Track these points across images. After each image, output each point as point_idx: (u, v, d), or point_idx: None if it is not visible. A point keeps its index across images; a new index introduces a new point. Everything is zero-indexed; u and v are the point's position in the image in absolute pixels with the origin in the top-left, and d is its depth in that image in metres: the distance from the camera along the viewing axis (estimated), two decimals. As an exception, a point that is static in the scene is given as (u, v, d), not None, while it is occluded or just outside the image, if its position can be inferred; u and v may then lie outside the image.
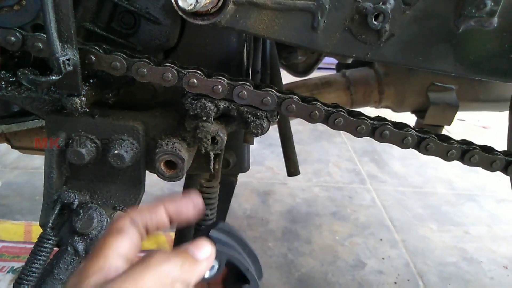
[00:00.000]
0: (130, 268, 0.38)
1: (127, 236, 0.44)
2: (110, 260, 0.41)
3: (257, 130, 0.64)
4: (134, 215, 0.47)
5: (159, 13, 0.63)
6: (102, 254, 0.41)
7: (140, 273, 0.37)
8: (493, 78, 0.61)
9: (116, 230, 0.44)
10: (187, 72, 0.59)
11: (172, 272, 0.39)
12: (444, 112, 1.11)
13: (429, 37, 0.57)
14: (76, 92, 0.58)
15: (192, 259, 0.42)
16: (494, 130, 3.02)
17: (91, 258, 0.41)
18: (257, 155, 2.32)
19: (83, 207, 0.68)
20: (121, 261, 0.42)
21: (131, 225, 0.45)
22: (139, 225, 0.46)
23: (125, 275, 0.37)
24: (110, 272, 0.40)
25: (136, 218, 0.46)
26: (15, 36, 0.56)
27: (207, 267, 0.44)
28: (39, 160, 2.07)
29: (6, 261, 1.39)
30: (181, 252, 0.42)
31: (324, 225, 1.75)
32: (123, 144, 0.66)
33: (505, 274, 1.51)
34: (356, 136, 0.65)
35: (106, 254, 0.41)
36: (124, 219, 0.46)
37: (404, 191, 2.08)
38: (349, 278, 1.44)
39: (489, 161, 0.67)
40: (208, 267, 0.44)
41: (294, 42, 0.59)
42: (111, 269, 0.40)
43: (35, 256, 0.65)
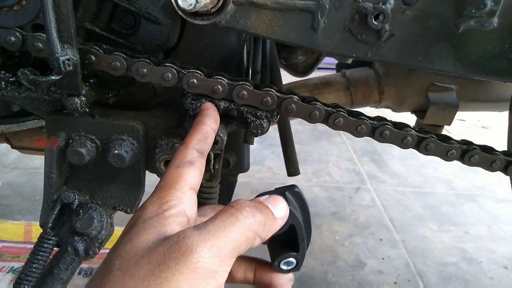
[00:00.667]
0: (219, 217, 0.40)
1: (197, 168, 0.46)
2: (186, 193, 0.43)
3: (257, 130, 0.64)
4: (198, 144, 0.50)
5: (159, 13, 0.63)
6: (178, 185, 0.43)
7: (230, 225, 0.39)
8: (493, 78, 0.61)
9: (188, 162, 0.46)
10: (187, 72, 0.59)
11: (257, 228, 0.41)
12: (444, 112, 1.11)
13: (429, 37, 0.57)
14: (76, 92, 0.58)
15: (272, 217, 0.43)
16: (494, 130, 3.02)
17: (167, 189, 0.43)
18: (257, 155, 2.32)
19: (83, 207, 0.68)
20: (193, 194, 0.44)
21: (200, 157, 0.48)
22: (204, 151, 0.50)
23: (216, 224, 0.39)
24: (187, 205, 0.42)
25: (200, 147, 0.50)
26: (15, 36, 0.56)
27: (281, 225, 0.45)
28: (39, 160, 2.07)
29: (6, 261, 1.40)
30: (264, 209, 0.43)
31: (324, 225, 1.75)
32: (123, 144, 0.66)
33: (505, 274, 1.51)
34: (356, 136, 0.65)
35: (182, 186, 0.43)
36: (192, 150, 0.48)
37: (404, 191, 2.08)
38: (349, 278, 1.44)
39: (489, 161, 0.67)
40: (281, 225, 0.45)
41: (294, 42, 0.59)
42: (187, 202, 0.43)
43: (35, 256, 0.65)
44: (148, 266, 0.35)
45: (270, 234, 0.43)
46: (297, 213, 0.48)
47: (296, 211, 0.47)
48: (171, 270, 0.34)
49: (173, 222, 0.40)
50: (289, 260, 0.49)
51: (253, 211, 0.41)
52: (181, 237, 0.37)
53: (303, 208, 0.49)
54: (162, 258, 0.35)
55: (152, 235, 0.38)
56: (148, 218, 0.40)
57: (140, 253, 0.36)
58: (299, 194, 0.49)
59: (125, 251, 0.37)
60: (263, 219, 0.41)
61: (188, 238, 0.36)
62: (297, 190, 0.49)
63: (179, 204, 0.42)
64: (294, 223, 0.47)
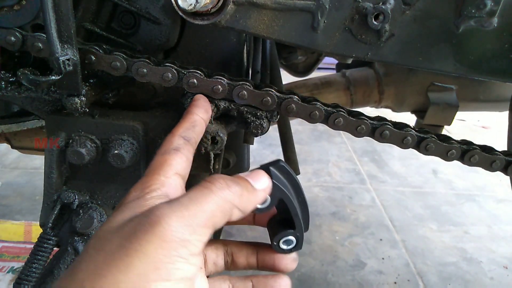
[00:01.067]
0: (193, 190, 0.39)
1: (183, 154, 0.46)
2: (170, 177, 0.43)
3: (257, 130, 0.64)
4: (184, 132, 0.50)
5: (159, 13, 0.63)
6: (162, 171, 0.43)
7: (203, 197, 0.38)
8: (493, 78, 0.61)
9: (173, 149, 0.46)
10: (187, 72, 0.59)
11: (232, 199, 0.40)
12: (444, 112, 1.11)
13: (429, 37, 0.57)
14: (76, 92, 0.58)
15: (251, 188, 0.43)
16: (494, 130, 3.02)
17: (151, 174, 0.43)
18: (257, 155, 2.32)
19: (83, 207, 0.68)
20: (179, 179, 0.44)
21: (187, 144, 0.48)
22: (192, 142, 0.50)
23: (189, 196, 0.38)
24: (171, 189, 0.42)
25: (187, 135, 0.50)
26: (15, 36, 0.56)
27: (263, 197, 0.44)
28: (39, 160, 2.07)
29: (6, 261, 1.40)
30: (241, 180, 0.43)
31: (324, 225, 1.75)
32: (123, 144, 0.66)
33: (505, 274, 1.51)
34: (356, 136, 0.65)
35: (166, 171, 0.43)
36: (177, 137, 0.49)
37: (404, 191, 2.08)
38: (349, 278, 1.44)
39: (489, 161, 0.67)
40: (263, 198, 0.45)
41: (294, 42, 0.59)
42: (171, 186, 0.43)
43: (35, 256, 0.65)
44: (118, 239, 0.35)
45: (251, 206, 0.43)
46: (286, 187, 0.47)
47: (284, 186, 0.46)
48: (139, 241, 0.34)
49: (152, 203, 0.39)
50: (288, 238, 0.48)
51: (228, 183, 0.41)
52: (151, 210, 0.37)
53: (292, 183, 0.48)
54: (132, 230, 0.35)
55: (128, 214, 0.38)
56: (128, 201, 0.40)
57: (112, 230, 0.37)
58: (284, 168, 0.47)
59: (101, 230, 0.38)
60: (239, 190, 0.41)
61: (158, 209, 0.36)
62: (282, 164, 0.47)
63: (161, 187, 0.42)
64: (282, 197, 0.46)
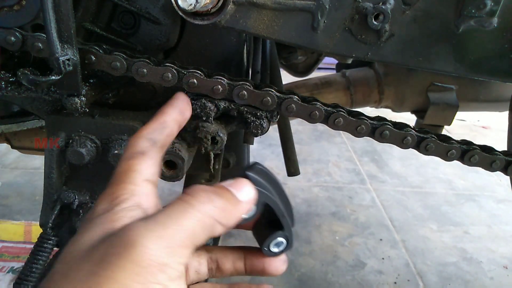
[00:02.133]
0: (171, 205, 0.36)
1: (150, 158, 0.42)
2: (139, 185, 0.39)
3: (257, 130, 0.64)
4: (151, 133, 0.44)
5: (159, 13, 0.63)
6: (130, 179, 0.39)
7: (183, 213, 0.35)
8: (493, 78, 0.61)
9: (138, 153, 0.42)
10: (187, 72, 0.59)
11: (215, 214, 0.36)
12: (444, 112, 1.11)
13: (429, 37, 0.57)
14: (76, 92, 0.58)
15: (234, 200, 0.39)
16: (494, 130, 3.02)
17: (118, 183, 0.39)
18: (257, 155, 2.32)
19: (83, 207, 0.68)
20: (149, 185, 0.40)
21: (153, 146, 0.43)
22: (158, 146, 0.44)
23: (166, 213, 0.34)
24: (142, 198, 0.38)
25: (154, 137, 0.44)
26: (15, 36, 0.56)
27: (248, 209, 0.41)
28: (39, 160, 2.07)
29: (6, 261, 1.39)
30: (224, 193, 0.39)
31: (324, 225, 1.75)
32: (123, 144, 0.66)
33: (505, 274, 1.51)
34: (356, 136, 0.65)
35: (134, 179, 0.39)
36: (143, 140, 0.43)
37: (404, 191, 2.08)
38: (349, 278, 1.44)
39: (489, 161, 0.67)
40: (248, 210, 0.42)
41: (294, 42, 0.59)
42: (142, 194, 0.38)
43: (35, 256, 0.65)
44: (88, 265, 0.31)
45: (235, 219, 0.39)
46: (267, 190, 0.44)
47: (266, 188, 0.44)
48: (112, 267, 0.30)
49: (124, 217, 0.35)
50: (278, 240, 0.46)
51: (210, 196, 0.37)
52: (124, 230, 0.33)
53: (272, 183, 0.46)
54: (103, 254, 0.31)
55: (97, 232, 0.34)
56: (96, 216, 0.36)
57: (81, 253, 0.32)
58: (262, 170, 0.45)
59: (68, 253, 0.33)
60: (223, 204, 0.37)
61: (132, 230, 0.32)
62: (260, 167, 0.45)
63: (131, 197, 0.37)
64: (266, 201, 0.44)
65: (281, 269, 0.48)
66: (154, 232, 0.32)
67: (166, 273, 0.32)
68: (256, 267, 0.47)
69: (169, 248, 0.32)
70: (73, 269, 0.32)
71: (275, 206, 0.45)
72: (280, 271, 0.48)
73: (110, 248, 0.32)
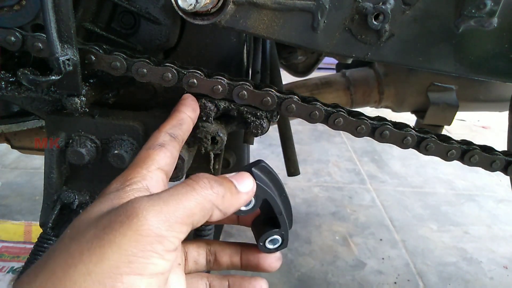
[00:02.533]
0: (175, 187, 0.39)
1: (168, 150, 0.47)
2: (152, 171, 0.43)
3: (257, 130, 0.64)
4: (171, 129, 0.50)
5: (159, 13, 0.63)
6: (145, 165, 0.43)
7: (184, 194, 0.38)
8: (493, 78, 0.61)
9: (158, 145, 0.46)
10: (187, 72, 0.59)
11: (214, 199, 0.40)
12: (444, 112, 1.11)
13: (429, 37, 0.57)
14: (76, 92, 0.58)
15: (235, 190, 0.42)
16: (494, 130, 3.02)
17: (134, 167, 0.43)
18: (257, 155, 2.32)
19: (83, 207, 0.68)
20: (161, 174, 0.44)
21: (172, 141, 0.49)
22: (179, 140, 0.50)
23: (169, 192, 0.38)
24: (152, 183, 0.42)
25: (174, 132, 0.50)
26: (15, 36, 0.56)
27: (246, 200, 0.44)
28: (39, 160, 2.07)
29: (6, 261, 1.39)
30: (226, 181, 0.42)
31: (324, 225, 1.75)
32: (123, 144, 0.66)
33: (505, 274, 1.51)
34: (356, 136, 0.65)
35: (149, 165, 0.43)
36: (164, 134, 0.49)
37: (404, 191, 2.08)
38: (349, 278, 1.44)
39: (489, 161, 0.67)
40: (247, 201, 0.44)
41: (294, 42, 0.59)
42: (153, 180, 0.42)
43: (35, 256, 0.65)
44: (94, 230, 0.34)
45: (233, 208, 0.42)
46: (269, 187, 0.47)
47: (267, 186, 0.47)
48: (115, 233, 0.33)
49: (132, 196, 0.39)
50: (273, 238, 0.48)
51: (212, 183, 0.40)
52: (129, 202, 0.36)
53: (275, 182, 0.48)
54: (108, 222, 0.35)
55: (106, 206, 0.38)
56: (108, 193, 0.40)
57: (89, 221, 0.36)
58: (266, 168, 0.48)
59: (78, 220, 0.37)
60: (222, 191, 0.41)
61: (136, 202, 0.36)
62: (264, 164, 0.48)
63: (142, 180, 0.41)
64: (266, 197, 0.46)
65: (275, 266, 0.50)
66: (156, 206, 0.36)
67: (163, 245, 0.35)
68: (251, 262, 0.50)
69: (168, 222, 0.35)
70: (80, 233, 0.35)
71: (273, 203, 0.47)
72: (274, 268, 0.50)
73: (114, 216, 0.35)
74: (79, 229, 0.36)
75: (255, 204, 0.46)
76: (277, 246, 0.49)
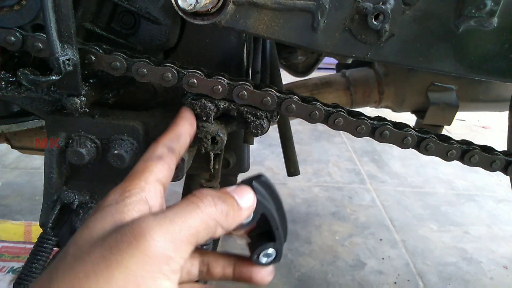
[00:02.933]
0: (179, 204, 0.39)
1: (166, 163, 0.47)
2: (150, 183, 0.43)
3: (257, 130, 0.64)
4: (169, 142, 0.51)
5: (159, 13, 0.63)
6: (143, 176, 0.44)
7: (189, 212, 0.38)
8: (493, 78, 0.61)
9: (156, 157, 0.47)
10: (187, 72, 0.59)
11: (218, 217, 0.40)
12: (444, 112, 1.11)
13: (429, 37, 0.57)
14: (76, 92, 0.58)
15: (237, 206, 0.42)
16: (494, 130, 3.02)
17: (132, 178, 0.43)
18: (257, 155, 2.32)
19: (83, 207, 0.68)
20: (159, 186, 0.44)
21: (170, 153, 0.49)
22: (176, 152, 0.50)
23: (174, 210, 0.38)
24: (150, 195, 0.42)
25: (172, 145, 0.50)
26: (15, 36, 0.56)
27: (247, 215, 0.44)
28: (39, 160, 2.07)
29: (6, 261, 1.39)
30: (228, 198, 0.42)
31: (324, 225, 1.75)
32: (123, 144, 0.66)
33: (505, 274, 1.51)
34: (356, 136, 0.65)
35: (147, 177, 0.44)
36: (162, 146, 0.49)
37: (404, 191, 2.08)
38: (349, 278, 1.44)
39: (489, 161, 0.67)
40: (248, 216, 0.44)
41: (294, 42, 0.59)
42: (151, 192, 0.43)
43: (35, 256, 0.65)
44: (100, 250, 0.34)
45: (235, 224, 0.43)
46: (267, 202, 0.47)
47: (266, 200, 0.47)
48: (122, 253, 0.33)
49: (132, 209, 0.39)
50: (267, 251, 0.48)
51: (215, 200, 0.40)
52: (135, 222, 0.36)
53: (273, 196, 0.48)
54: (114, 242, 0.34)
55: (109, 222, 0.37)
56: (107, 205, 0.40)
57: (94, 239, 0.36)
58: (266, 183, 0.47)
59: (80, 238, 0.37)
60: (226, 209, 0.41)
61: (143, 222, 0.35)
62: (264, 179, 0.47)
63: (141, 192, 0.41)
64: (264, 211, 0.46)
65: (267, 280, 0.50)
66: (163, 226, 0.35)
67: (169, 265, 0.35)
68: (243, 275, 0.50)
69: (175, 242, 0.35)
70: (85, 253, 0.34)
71: (271, 218, 0.47)
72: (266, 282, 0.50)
73: (121, 236, 0.34)
74: (82, 247, 0.35)
75: (253, 218, 0.46)
76: (271, 260, 0.49)
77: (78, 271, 0.33)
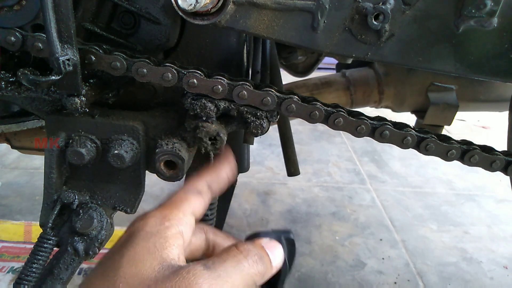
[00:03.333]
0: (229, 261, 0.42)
1: (203, 199, 0.51)
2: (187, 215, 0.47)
3: (257, 130, 0.64)
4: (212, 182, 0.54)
5: (159, 13, 0.63)
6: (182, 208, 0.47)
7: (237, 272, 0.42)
8: (493, 78, 0.61)
9: (197, 191, 0.51)
10: (187, 72, 0.59)
11: (257, 279, 0.44)
12: (444, 112, 1.11)
13: (429, 37, 0.57)
14: (76, 92, 0.58)
15: (270, 265, 0.46)
16: (494, 130, 3.02)
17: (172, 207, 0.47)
18: (257, 155, 2.32)
19: (83, 207, 0.68)
20: (193, 219, 0.48)
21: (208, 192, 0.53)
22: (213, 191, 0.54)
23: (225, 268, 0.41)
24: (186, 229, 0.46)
25: (213, 186, 0.54)
26: (15, 36, 0.56)
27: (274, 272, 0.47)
28: (39, 160, 2.07)
29: (6, 261, 1.40)
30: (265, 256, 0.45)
31: (324, 225, 1.75)
32: (123, 144, 0.65)
33: (505, 274, 1.51)
34: (356, 136, 0.65)
35: (185, 209, 0.47)
36: (203, 182, 0.53)
37: (404, 191, 2.08)
38: (349, 278, 1.44)
39: (489, 161, 0.67)
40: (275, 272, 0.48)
41: (294, 42, 0.59)
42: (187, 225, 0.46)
43: (35, 256, 0.65)
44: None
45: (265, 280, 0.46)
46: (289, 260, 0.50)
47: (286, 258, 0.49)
48: None
49: (172, 245, 0.42)
50: None
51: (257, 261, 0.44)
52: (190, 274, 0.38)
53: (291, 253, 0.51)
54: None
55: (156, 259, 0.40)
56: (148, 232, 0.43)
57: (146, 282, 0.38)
58: (292, 241, 0.51)
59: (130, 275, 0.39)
60: (263, 271, 0.44)
61: (198, 277, 0.38)
62: (292, 237, 0.51)
63: (178, 224, 0.44)
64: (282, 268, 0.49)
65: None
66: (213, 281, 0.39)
67: None
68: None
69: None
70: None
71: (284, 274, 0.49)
72: None
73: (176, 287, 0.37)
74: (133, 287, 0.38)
75: None
76: None
77: None
